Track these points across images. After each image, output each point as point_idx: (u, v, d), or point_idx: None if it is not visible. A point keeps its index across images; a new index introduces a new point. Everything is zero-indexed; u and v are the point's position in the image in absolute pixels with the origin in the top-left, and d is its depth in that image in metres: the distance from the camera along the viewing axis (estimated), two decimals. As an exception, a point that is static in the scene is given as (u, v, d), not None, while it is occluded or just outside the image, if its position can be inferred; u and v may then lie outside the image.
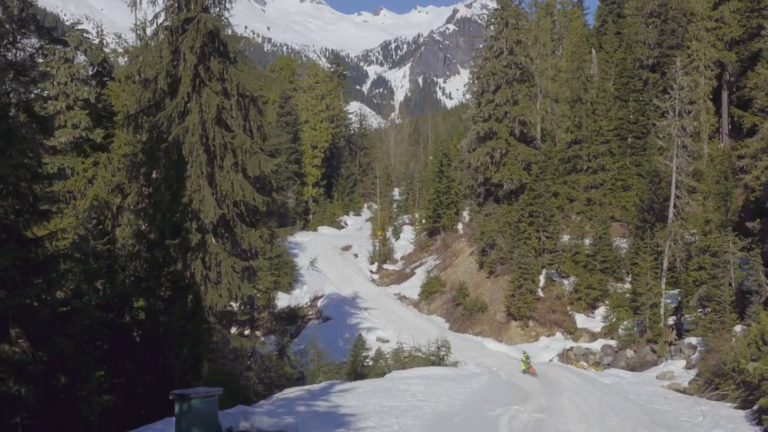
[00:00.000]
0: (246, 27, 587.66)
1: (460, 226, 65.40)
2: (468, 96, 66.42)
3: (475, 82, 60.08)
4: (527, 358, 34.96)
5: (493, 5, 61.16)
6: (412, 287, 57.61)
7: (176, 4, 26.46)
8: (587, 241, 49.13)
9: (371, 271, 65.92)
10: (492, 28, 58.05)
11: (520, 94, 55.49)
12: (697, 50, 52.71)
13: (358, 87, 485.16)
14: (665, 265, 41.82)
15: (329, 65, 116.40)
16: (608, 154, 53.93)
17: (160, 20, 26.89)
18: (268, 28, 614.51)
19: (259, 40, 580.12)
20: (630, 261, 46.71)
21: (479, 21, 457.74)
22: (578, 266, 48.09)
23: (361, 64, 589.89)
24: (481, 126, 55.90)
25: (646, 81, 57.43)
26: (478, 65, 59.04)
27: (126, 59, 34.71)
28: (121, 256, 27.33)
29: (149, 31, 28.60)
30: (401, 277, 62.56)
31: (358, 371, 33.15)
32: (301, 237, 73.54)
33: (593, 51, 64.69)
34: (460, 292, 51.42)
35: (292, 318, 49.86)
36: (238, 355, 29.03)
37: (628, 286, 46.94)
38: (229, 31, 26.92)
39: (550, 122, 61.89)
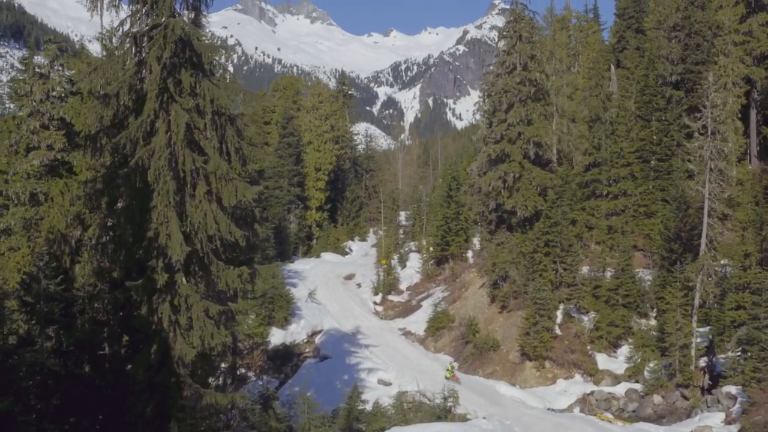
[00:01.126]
0: (257, 48, 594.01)
1: (469, 254, 61.36)
2: (478, 116, 62.32)
3: (486, 100, 56.04)
4: (453, 368, 42.14)
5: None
6: (418, 322, 53.35)
7: (143, 9, 23.02)
8: (608, 273, 45.03)
9: (375, 303, 61.69)
10: (504, 42, 53.95)
11: (534, 114, 51.39)
12: (725, 66, 49.16)
13: (368, 108, 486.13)
14: (697, 302, 37.92)
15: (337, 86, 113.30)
16: (630, 178, 49.92)
17: (125, 27, 23.48)
18: (279, 49, 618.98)
19: (270, 60, 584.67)
20: (655, 294, 42.79)
21: (489, 42, 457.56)
22: (599, 301, 43.97)
23: (372, 85, 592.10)
24: (493, 148, 51.83)
25: (669, 99, 53.59)
26: (489, 82, 54.83)
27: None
28: (79, 298, 24.31)
29: (115, 40, 25.30)
30: (407, 309, 58.42)
31: (353, 427, 29.22)
32: (302, 265, 69.64)
33: (612, 67, 60.90)
34: (470, 328, 47.31)
35: (287, 356, 45.90)
36: (213, 412, 25.22)
37: (652, 322, 42.99)
38: (208, 40, 23.50)
39: (567, 144, 57.73)
